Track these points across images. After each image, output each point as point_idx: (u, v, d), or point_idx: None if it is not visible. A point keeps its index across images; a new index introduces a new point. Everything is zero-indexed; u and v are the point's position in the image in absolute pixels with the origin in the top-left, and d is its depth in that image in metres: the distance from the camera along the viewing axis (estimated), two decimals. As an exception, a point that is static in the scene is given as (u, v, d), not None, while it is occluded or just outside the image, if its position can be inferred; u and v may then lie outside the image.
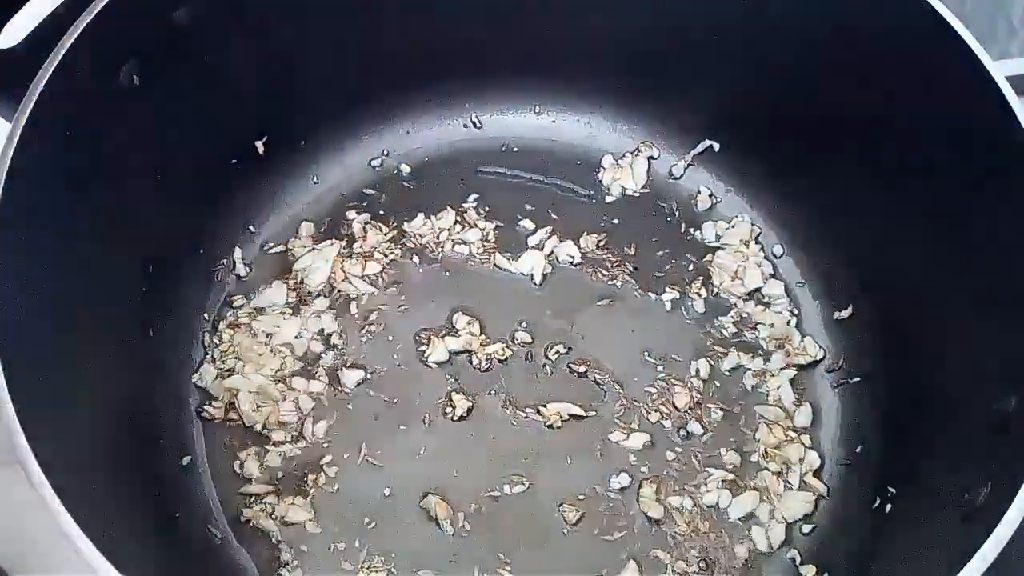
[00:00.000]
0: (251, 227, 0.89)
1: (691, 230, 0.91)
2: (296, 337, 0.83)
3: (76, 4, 0.66)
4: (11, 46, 0.69)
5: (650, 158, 0.95)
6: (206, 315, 0.84)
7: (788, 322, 0.86)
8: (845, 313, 0.85)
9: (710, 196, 0.93)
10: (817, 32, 0.76)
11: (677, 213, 0.93)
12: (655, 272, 0.88)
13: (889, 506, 0.73)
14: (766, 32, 0.78)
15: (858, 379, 0.82)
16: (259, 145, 0.87)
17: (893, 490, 0.73)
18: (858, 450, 0.79)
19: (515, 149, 0.95)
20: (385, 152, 0.94)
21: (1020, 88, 0.66)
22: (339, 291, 0.86)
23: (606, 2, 0.86)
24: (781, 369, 0.84)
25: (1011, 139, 0.64)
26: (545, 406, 0.81)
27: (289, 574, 0.73)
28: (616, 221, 0.92)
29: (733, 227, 0.91)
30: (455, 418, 0.80)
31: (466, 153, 0.95)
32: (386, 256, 0.88)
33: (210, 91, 0.78)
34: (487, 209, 0.91)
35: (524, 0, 0.87)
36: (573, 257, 0.89)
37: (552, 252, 0.89)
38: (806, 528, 0.77)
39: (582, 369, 0.83)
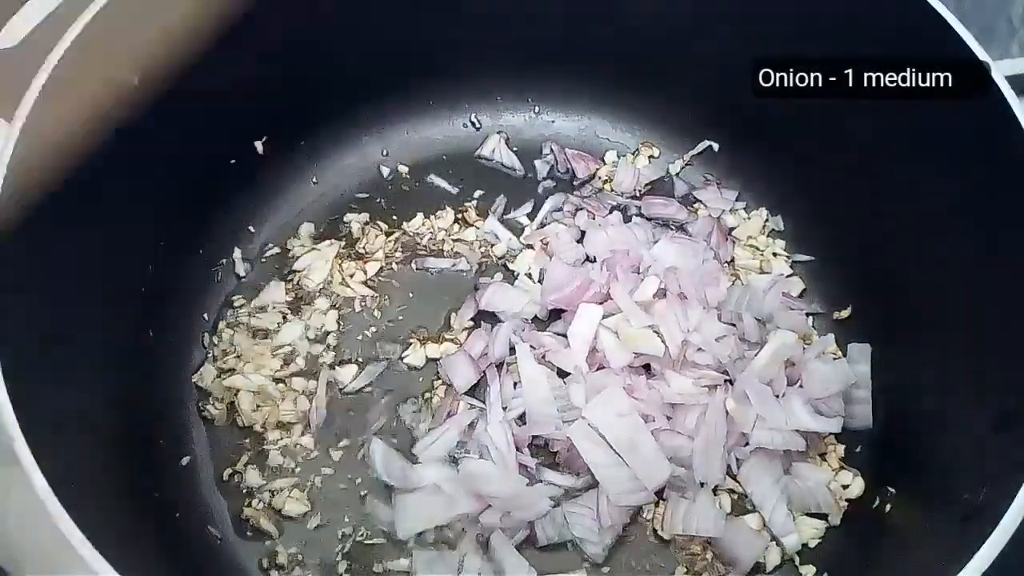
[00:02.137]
0: (251, 227, 0.89)
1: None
2: (296, 337, 0.83)
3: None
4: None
5: (650, 157, 0.95)
6: (206, 315, 0.84)
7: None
8: (845, 313, 0.85)
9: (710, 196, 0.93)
10: (817, 32, 0.76)
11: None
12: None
13: (889, 506, 0.73)
14: (766, 32, 0.78)
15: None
16: (259, 145, 0.87)
17: (893, 490, 0.73)
18: (858, 450, 0.79)
19: (514, 149, 0.95)
20: (385, 152, 0.94)
21: (1020, 88, 0.66)
22: (338, 291, 0.86)
23: (606, 3, 0.87)
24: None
25: (1011, 139, 0.64)
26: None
27: (288, 573, 0.73)
28: (616, 221, 0.91)
29: (749, 219, 0.91)
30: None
31: (466, 153, 0.95)
32: (386, 256, 0.88)
33: (210, 91, 0.77)
34: (486, 209, 0.92)
35: (524, 1, 0.87)
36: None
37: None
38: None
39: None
